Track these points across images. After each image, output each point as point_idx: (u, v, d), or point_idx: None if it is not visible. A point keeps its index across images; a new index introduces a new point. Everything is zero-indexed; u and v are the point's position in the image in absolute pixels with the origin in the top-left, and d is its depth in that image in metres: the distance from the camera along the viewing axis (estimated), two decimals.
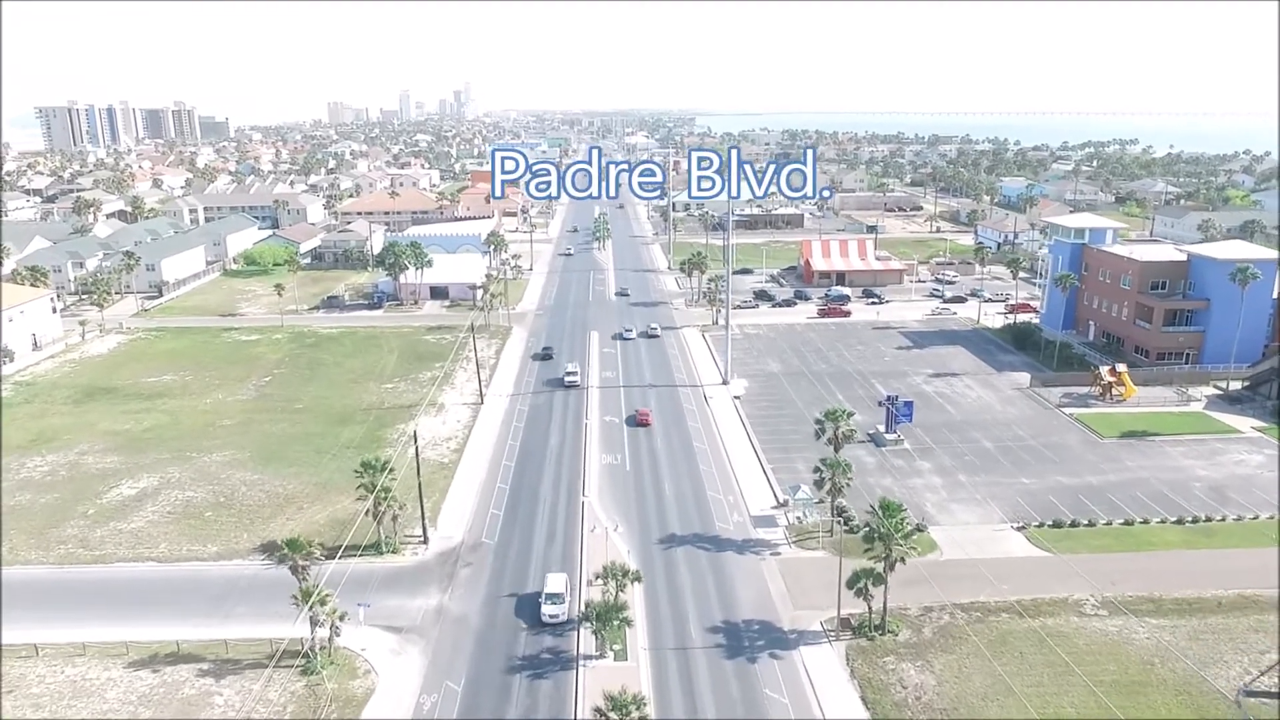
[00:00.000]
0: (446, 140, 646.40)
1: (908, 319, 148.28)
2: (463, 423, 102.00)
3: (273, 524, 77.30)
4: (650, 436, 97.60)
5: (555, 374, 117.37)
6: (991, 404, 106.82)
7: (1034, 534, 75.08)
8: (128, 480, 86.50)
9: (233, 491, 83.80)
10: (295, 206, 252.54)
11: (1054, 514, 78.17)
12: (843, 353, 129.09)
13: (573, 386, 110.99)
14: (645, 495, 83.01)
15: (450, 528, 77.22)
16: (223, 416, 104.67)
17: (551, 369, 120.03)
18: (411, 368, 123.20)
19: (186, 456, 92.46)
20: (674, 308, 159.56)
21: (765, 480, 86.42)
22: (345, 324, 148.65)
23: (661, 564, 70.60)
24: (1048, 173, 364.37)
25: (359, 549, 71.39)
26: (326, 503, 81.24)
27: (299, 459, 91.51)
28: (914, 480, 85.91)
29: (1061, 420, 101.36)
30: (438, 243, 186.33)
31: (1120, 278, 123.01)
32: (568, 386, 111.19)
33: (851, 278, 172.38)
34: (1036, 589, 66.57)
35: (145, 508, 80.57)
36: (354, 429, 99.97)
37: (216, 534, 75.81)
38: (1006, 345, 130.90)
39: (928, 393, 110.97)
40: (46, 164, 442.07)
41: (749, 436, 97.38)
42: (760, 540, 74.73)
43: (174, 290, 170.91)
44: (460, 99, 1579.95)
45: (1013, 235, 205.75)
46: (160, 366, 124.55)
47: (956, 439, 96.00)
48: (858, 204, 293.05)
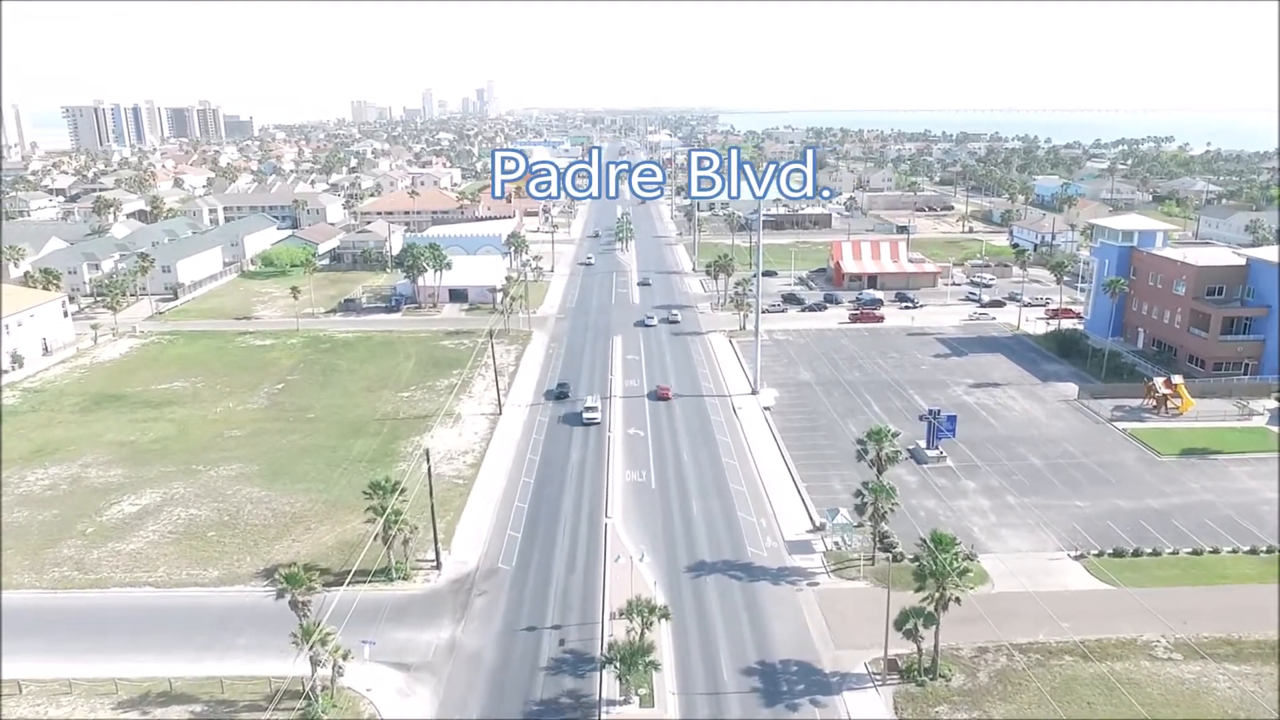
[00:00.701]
0: (468, 139, 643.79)
1: (944, 324, 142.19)
2: (480, 435, 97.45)
3: (278, 546, 73.05)
4: (677, 450, 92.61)
5: (572, 408, 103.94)
6: (1038, 417, 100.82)
7: (1094, 564, 69.33)
8: (130, 496, 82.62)
9: (238, 509, 79.65)
10: (315, 206, 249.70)
11: (1114, 541, 72.35)
12: (877, 360, 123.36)
13: (591, 423, 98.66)
14: (672, 517, 78.00)
15: (465, 551, 72.61)
16: (232, 426, 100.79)
17: (568, 403, 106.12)
18: (429, 375, 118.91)
19: (192, 470, 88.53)
20: (699, 312, 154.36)
21: (800, 501, 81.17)
22: (362, 328, 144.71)
23: (690, 596, 65.58)
24: (1082, 171, 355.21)
25: (368, 574, 66.91)
26: (335, 522, 76.89)
27: (309, 474, 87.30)
28: (959, 502, 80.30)
29: (1114, 436, 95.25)
30: (457, 243, 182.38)
31: (1173, 283, 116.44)
32: (587, 424, 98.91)
33: (883, 280, 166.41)
34: (1101, 628, 60.94)
35: (146, 526, 76.58)
36: (367, 441, 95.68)
37: (218, 556, 71.62)
38: (1050, 353, 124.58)
39: (969, 404, 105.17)
40: (71, 163, 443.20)
41: (781, 452, 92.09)
42: (796, 569, 69.52)
43: (190, 292, 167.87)
44: (483, 97, 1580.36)
45: (1050, 236, 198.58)
46: (171, 373, 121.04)
47: (1003, 456, 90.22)
48: (886, 203, 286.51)
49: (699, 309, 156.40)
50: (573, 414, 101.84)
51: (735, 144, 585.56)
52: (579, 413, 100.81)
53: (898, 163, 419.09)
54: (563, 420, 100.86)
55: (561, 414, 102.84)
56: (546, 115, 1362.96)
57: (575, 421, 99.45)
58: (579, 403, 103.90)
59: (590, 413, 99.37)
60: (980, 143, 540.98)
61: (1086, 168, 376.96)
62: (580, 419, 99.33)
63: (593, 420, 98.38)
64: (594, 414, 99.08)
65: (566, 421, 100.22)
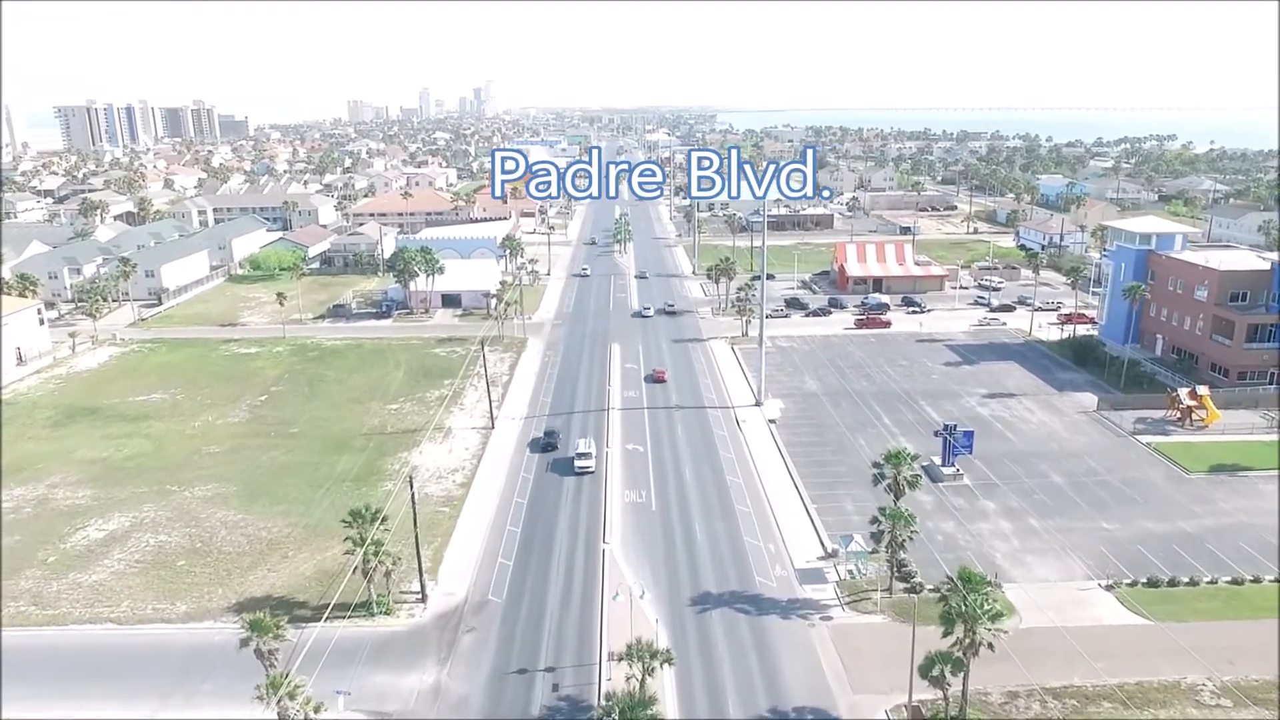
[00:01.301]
0: (465, 138, 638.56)
1: (953, 330, 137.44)
2: (471, 451, 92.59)
3: (252, 576, 68.20)
4: (678, 467, 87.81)
5: (562, 452, 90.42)
6: (1057, 430, 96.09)
7: (1126, 595, 64.61)
8: (97, 520, 77.70)
9: (211, 535, 74.75)
10: (306, 208, 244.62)
11: (1146, 569, 67.66)
12: (885, 369, 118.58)
13: (585, 473, 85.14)
14: (674, 542, 73.22)
15: (453, 581, 67.79)
16: (211, 442, 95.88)
17: (558, 449, 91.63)
18: (419, 385, 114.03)
19: (166, 491, 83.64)
20: (700, 317, 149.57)
21: (810, 523, 76.41)
22: (351, 335, 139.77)
23: (695, 632, 60.78)
24: (1086, 170, 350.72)
25: (348, 608, 62.16)
26: (315, 549, 72.03)
27: (289, 494, 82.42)
28: (979, 525, 75.54)
29: (1138, 451, 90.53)
30: (451, 246, 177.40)
31: (1194, 288, 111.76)
32: (580, 473, 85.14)
33: (889, 284, 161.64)
34: (1140, 668, 56.23)
35: (111, 555, 71.68)
36: (352, 458, 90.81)
37: (188, 588, 66.74)
38: (1065, 361, 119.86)
39: (983, 416, 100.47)
40: (61, 164, 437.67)
41: (788, 469, 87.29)
42: (808, 601, 64.75)
43: (174, 298, 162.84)
44: (480, 97, 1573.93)
45: (1059, 238, 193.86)
46: (150, 383, 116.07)
47: (1022, 473, 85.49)
48: (889, 203, 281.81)
49: (699, 314, 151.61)
50: (563, 460, 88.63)
51: (734, 143, 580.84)
52: (570, 458, 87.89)
53: (898, 162, 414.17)
54: (551, 469, 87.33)
55: (549, 462, 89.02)
56: (544, 114, 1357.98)
57: (566, 470, 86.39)
58: (572, 445, 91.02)
59: (583, 460, 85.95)
60: (981, 141, 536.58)
61: (1090, 166, 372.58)
62: (571, 467, 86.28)
63: (585, 469, 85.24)
64: (587, 461, 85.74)
65: (556, 470, 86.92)
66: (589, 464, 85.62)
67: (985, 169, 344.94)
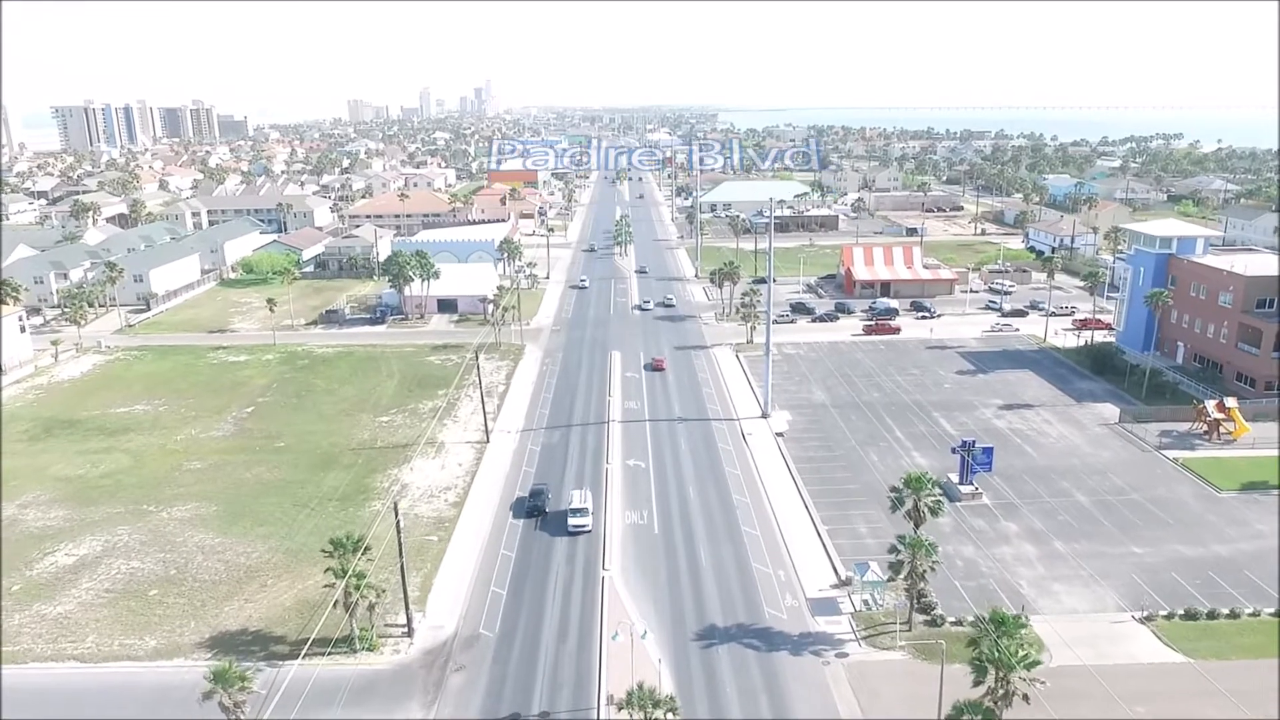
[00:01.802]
0: (465, 138, 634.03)
1: (965, 336, 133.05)
2: (465, 467, 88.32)
3: (228, 608, 63.94)
4: (682, 485, 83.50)
5: (552, 504, 78.45)
6: (1078, 444, 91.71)
7: (1163, 628, 60.28)
8: (68, 544, 73.49)
9: (187, 561, 70.51)
10: (302, 209, 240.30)
11: (1182, 599, 63.31)
12: (896, 378, 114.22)
13: (579, 532, 73.48)
14: (678, 568, 68.93)
15: (442, 613, 63.54)
16: (192, 457, 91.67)
17: (546, 513, 77.54)
18: (412, 395, 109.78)
19: (142, 511, 79.40)
20: (703, 322, 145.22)
21: (821, 547, 72.11)
22: (344, 342, 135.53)
23: (701, 672, 56.46)
24: (1093, 170, 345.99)
25: (329, 643, 57.97)
26: (296, 577, 67.77)
27: (271, 515, 78.17)
28: (1001, 549, 71.19)
29: (1165, 467, 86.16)
30: (448, 249, 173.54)
31: (1218, 294, 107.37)
32: (573, 533, 73.63)
33: (897, 288, 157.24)
34: (1182, 712, 51.93)
35: (80, 583, 67.46)
36: (339, 475, 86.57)
37: (158, 621, 62.50)
38: (1082, 369, 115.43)
39: (1000, 429, 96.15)
40: (56, 164, 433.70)
41: (798, 487, 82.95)
42: (821, 635, 60.44)
43: (163, 303, 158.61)
44: (481, 96, 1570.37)
45: (1070, 239, 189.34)
46: (134, 394, 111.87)
47: (1044, 491, 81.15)
48: (894, 204, 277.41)
49: (703, 319, 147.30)
50: (556, 514, 76.31)
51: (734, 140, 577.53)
52: (563, 510, 75.95)
53: (902, 161, 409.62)
54: (541, 528, 75.03)
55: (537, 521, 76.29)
56: (545, 114, 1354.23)
57: (559, 530, 74.04)
58: (565, 497, 78.57)
59: (578, 518, 74.01)
60: (985, 140, 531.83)
61: (1097, 166, 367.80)
62: (565, 527, 74.02)
63: (580, 529, 73.43)
64: (583, 520, 73.90)
65: (546, 529, 74.75)
66: (585, 522, 73.87)
67: (991, 169, 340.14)
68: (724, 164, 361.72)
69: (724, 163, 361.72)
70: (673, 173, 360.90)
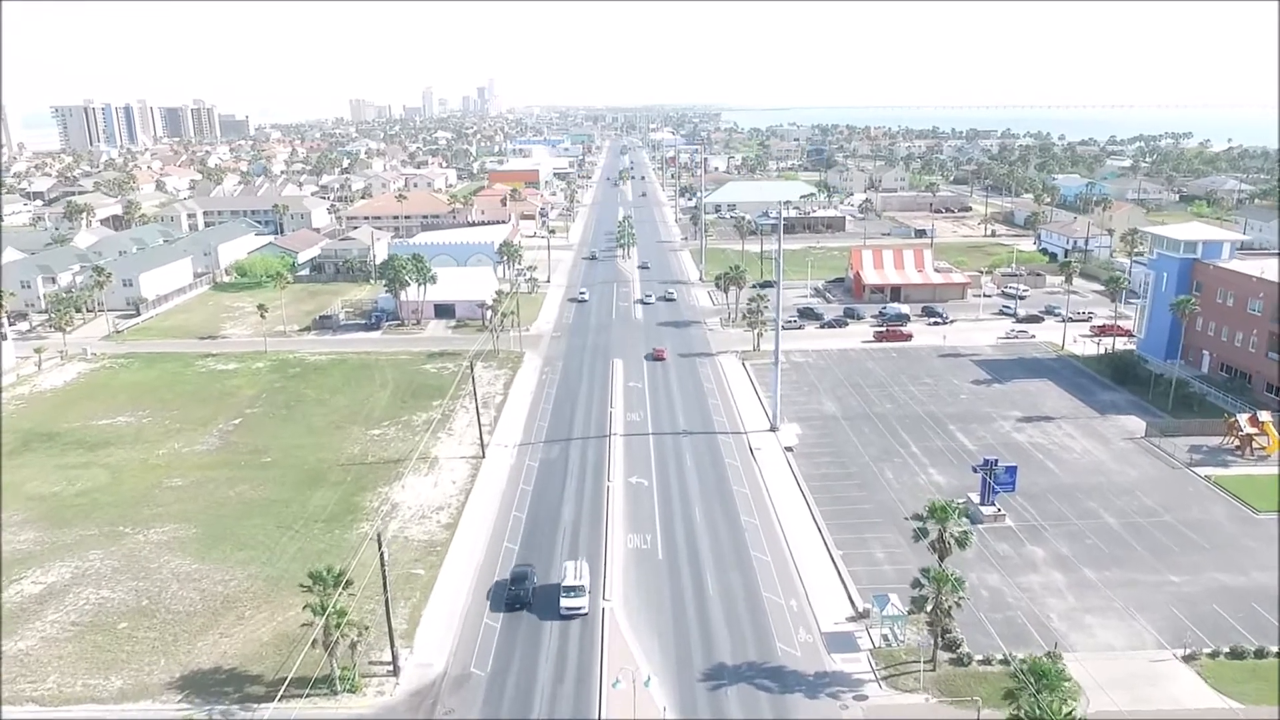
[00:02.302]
0: (467, 138, 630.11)
1: (979, 344, 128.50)
2: (459, 485, 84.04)
3: (201, 643, 59.69)
4: (687, 505, 79.14)
5: (540, 576, 66.61)
6: (1103, 461, 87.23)
7: (1207, 668, 55.81)
8: (36, 570, 69.31)
9: (160, 590, 66.28)
10: (299, 211, 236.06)
11: (1226, 634, 58.89)
12: (909, 388, 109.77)
13: (574, 616, 61.50)
14: (683, 598, 64.60)
15: (430, 648, 59.25)
16: (174, 473, 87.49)
17: (531, 602, 63.84)
18: (405, 406, 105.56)
19: (118, 533, 75.23)
20: (708, 328, 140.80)
21: (835, 573, 67.78)
22: (337, 349, 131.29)
23: (708, 717, 52.10)
24: (1103, 169, 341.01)
25: (308, 683, 53.80)
26: (276, 608, 63.53)
27: (253, 538, 73.96)
28: (1028, 577, 66.77)
29: (1196, 485, 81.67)
30: (447, 251, 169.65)
31: (1247, 301, 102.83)
32: (566, 617, 61.49)
33: (908, 292, 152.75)
34: None
35: (46, 615, 63.27)
36: (326, 493, 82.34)
37: (127, 658, 58.25)
38: (1103, 379, 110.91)
39: (1020, 443, 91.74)
40: (54, 165, 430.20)
41: (809, 507, 78.57)
42: (838, 675, 56.05)
43: (153, 308, 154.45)
44: (484, 95, 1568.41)
45: (1084, 241, 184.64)
46: (117, 405, 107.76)
47: (1070, 512, 76.70)
48: (901, 205, 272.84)
49: (707, 324, 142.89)
50: (544, 588, 64.37)
51: (739, 141, 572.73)
52: (555, 584, 64.14)
53: (908, 161, 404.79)
54: (533, 610, 62.93)
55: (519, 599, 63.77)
56: (548, 113, 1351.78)
57: (551, 612, 61.85)
58: (556, 569, 67.22)
59: (572, 598, 61.81)
60: (991, 140, 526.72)
61: (1108, 166, 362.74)
62: (557, 609, 61.59)
63: (575, 611, 61.41)
64: (578, 601, 61.77)
65: (535, 613, 62.39)
66: (580, 604, 61.52)
67: (1000, 168, 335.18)
68: (728, 163, 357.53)
69: (728, 162, 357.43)
70: (676, 172, 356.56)
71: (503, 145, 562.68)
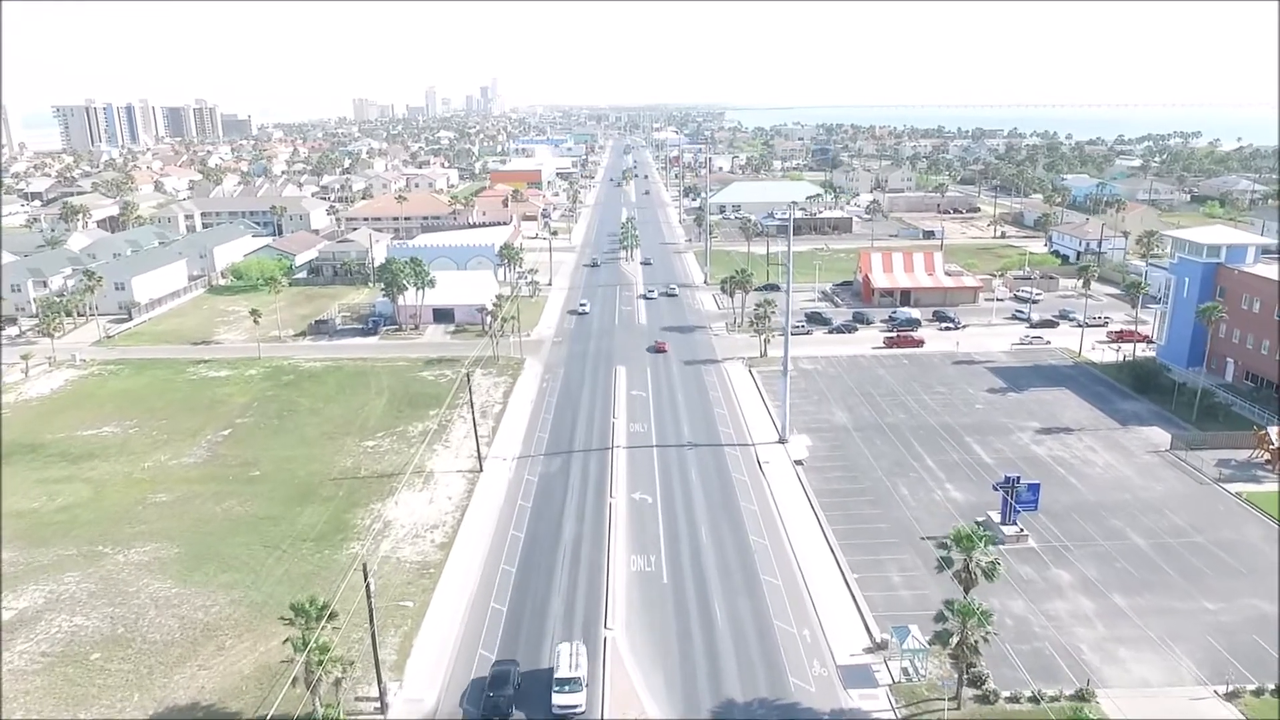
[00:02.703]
0: (469, 138, 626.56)
1: (992, 350, 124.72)
2: (455, 501, 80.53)
3: (178, 676, 56.22)
4: (693, 523, 75.52)
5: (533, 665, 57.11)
6: (1127, 475, 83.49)
7: (1251, 707, 52.16)
8: (9, 595, 65.90)
9: (138, 617, 62.84)
10: (297, 212, 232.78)
11: (1269, 668, 55.25)
12: (922, 397, 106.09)
13: (570, 714, 51.63)
14: (690, 626, 61.02)
15: (421, 681, 55.75)
16: (159, 488, 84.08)
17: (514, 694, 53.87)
18: (401, 416, 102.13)
19: (97, 553, 71.82)
20: (713, 333, 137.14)
21: (851, 599, 64.13)
22: (332, 355, 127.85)
23: None
24: (1113, 169, 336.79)
25: None
26: (258, 637, 60.05)
27: (238, 559, 70.50)
28: (1054, 604, 63.08)
29: (1226, 502, 77.93)
30: (446, 254, 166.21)
31: (1274, 307, 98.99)
32: (559, 717, 51.70)
33: (918, 296, 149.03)
34: None
35: (15, 645, 59.83)
36: (316, 510, 78.87)
37: (98, 692, 54.84)
38: (1123, 387, 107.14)
39: (1040, 456, 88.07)
40: (54, 165, 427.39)
41: (821, 527, 74.91)
42: (856, 714, 52.49)
43: (146, 312, 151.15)
44: (487, 95, 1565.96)
45: (1095, 243, 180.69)
46: (104, 414, 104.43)
47: (1096, 532, 73.01)
48: (908, 205, 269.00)
49: (713, 329, 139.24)
50: (532, 674, 55.47)
51: (743, 140, 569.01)
52: (548, 669, 54.74)
53: (914, 161, 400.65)
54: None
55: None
56: (551, 112, 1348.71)
57: (543, 709, 52.13)
58: (550, 653, 57.01)
59: (566, 694, 51.79)
60: (998, 139, 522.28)
61: (1117, 165, 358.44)
62: (548, 707, 51.81)
63: (571, 711, 51.51)
64: (574, 698, 51.69)
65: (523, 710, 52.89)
66: (577, 701, 51.66)
67: (1008, 168, 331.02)
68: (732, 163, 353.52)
69: (732, 161, 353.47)
70: (679, 172, 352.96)
71: (505, 145, 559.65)
